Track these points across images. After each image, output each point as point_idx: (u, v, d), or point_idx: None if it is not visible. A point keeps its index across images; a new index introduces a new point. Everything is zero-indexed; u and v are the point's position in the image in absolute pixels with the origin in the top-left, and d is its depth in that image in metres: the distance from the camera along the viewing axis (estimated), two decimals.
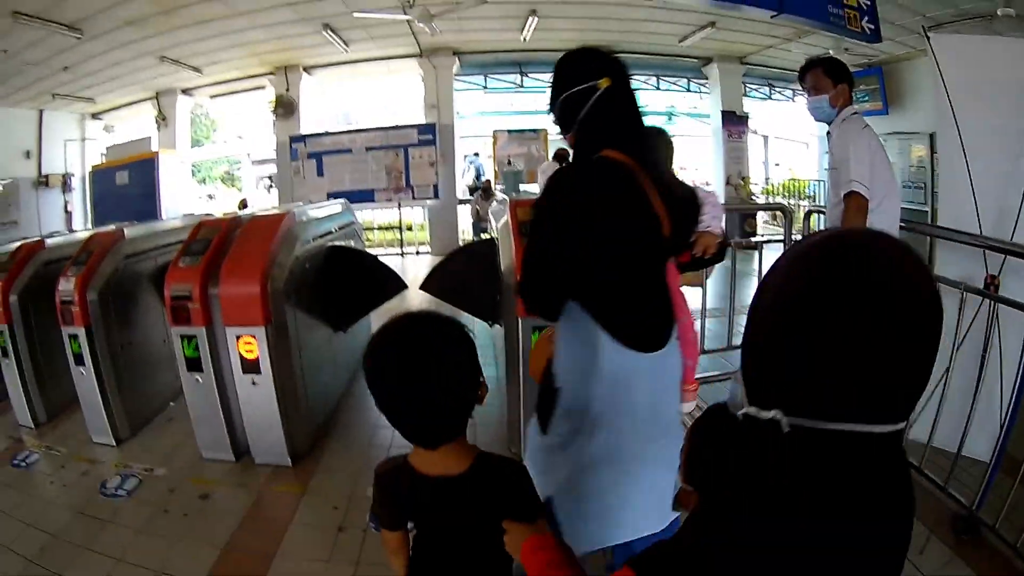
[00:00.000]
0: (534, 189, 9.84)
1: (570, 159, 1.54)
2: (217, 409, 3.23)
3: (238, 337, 3.03)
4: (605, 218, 1.33)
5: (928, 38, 2.97)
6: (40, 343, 3.97)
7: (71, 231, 10.41)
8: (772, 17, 3.98)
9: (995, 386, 2.50)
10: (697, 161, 14.58)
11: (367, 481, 2.89)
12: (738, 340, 1.67)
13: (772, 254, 3.76)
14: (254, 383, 3.08)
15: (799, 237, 3.61)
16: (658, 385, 1.49)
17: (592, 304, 1.39)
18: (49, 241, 4.33)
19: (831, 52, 9.85)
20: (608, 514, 1.45)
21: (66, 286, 3.51)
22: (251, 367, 3.05)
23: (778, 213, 11.77)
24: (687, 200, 1.71)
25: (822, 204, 12.12)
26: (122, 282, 3.76)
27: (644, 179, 1.39)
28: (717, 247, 1.91)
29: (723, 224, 2.12)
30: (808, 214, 3.89)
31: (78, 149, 11.60)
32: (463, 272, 3.89)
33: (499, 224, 3.48)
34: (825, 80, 2.61)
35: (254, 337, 3.00)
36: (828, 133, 2.66)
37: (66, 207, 11.29)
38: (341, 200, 4.96)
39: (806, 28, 8.66)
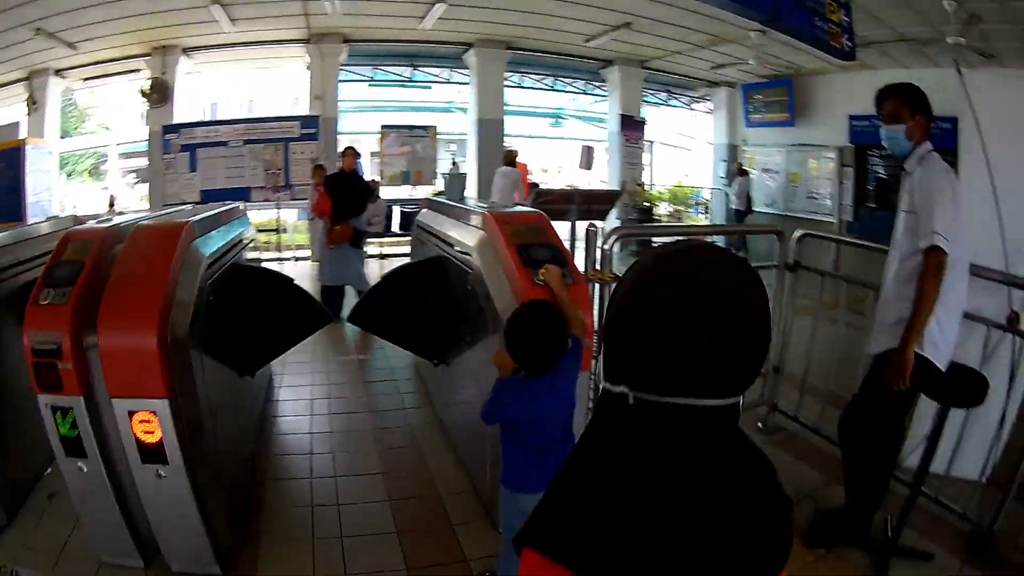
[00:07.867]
0: (425, 191, 9.15)
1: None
2: (112, 505, 2.20)
3: (131, 413, 2.02)
4: None
5: (960, 74, 2.88)
6: None
7: None
8: (763, 23, 3.89)
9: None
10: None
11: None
12: None
13: None
14: (160, 475, 2.09)
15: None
16: None
17: None
18: None
19: (752, 62, 9.75)
20: None
21: None
22: (153, 455, 2.06)
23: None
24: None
25: (718, 215, 12.32)
26: None
27: None
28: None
29: None
30: None
31: None
32: (401, 300, 3.41)
33: (469, 242, 2.93)
34: (904, 110, 2.35)
35: (154, 414, 2.02)
36: (903, 169, 2.44)
37: None
38: (238, 204, 4.06)
39: (725, 37, 8.54)
